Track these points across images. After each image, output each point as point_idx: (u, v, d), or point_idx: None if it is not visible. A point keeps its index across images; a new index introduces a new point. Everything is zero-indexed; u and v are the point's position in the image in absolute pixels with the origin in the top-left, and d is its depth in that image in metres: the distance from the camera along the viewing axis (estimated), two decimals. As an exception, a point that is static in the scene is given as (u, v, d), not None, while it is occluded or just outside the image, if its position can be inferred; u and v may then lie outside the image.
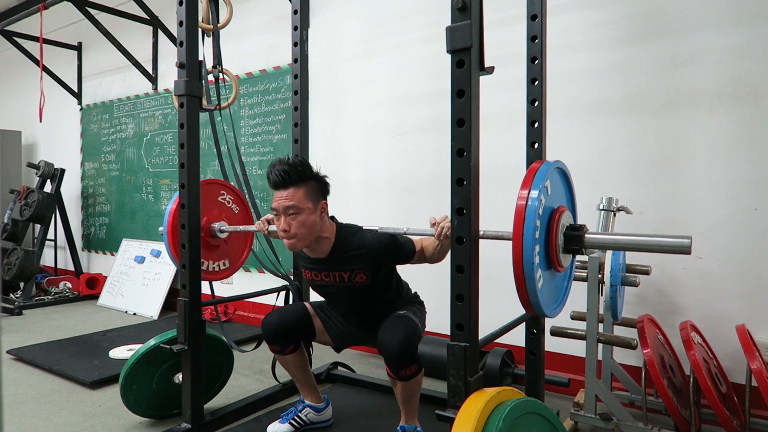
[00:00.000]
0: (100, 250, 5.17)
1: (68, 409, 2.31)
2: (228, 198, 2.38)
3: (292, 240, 1.74)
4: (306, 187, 1.73)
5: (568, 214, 1.39)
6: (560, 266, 1.36)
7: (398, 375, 1.69)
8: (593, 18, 2.41)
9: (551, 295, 1.41)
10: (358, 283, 1.81)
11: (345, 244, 1.81)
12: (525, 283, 1.24)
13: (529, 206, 1.24)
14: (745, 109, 2.08)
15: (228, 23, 2.38)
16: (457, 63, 1.30)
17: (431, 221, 1.60)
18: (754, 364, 1.69)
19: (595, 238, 1.35)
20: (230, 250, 2.38)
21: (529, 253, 1.21)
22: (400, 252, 1.80)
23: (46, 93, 4.43)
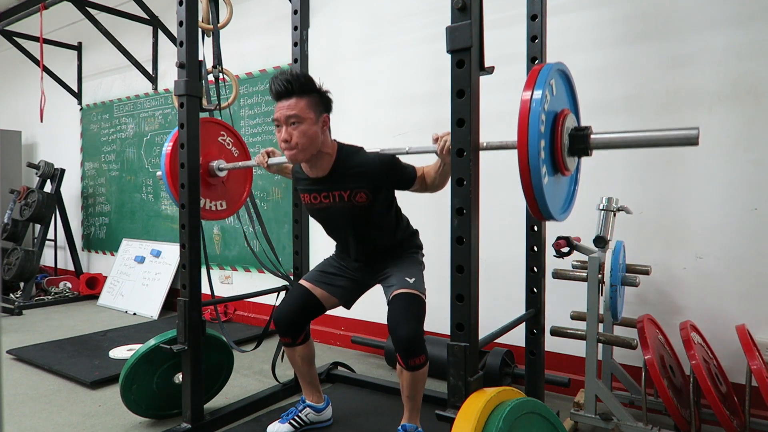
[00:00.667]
0: (100, 250, 5.17)
1: (68, 409, 2.31)
2: (228, 140, 2.35)
3: (293, 151, 1.72)
4: (308, 98, 1.71)
5: (572, 117, 1.36)
6: (566, 170, 1.33)
7: (407, 364, 1.70)
8: (593, 18, 2.41)
9: (558, 199, 1.38)
10: (358, 203, 1.78)
11: (346, 162, 1.79)
12: (532, 188, 1.21)
13: (533, 108, 1.20)
14: (745, 109, 2.08)
15: (228, 23, 2.39)
16: (457, 63, 1.30)
17: (433, 137, 1.59)
18: (754, 364, 1.69)
19: (600, 137, 1.32)
20: (229, 191, 2.35)
21: (535, 156, 1.19)
22: (401, 173, 1.78)
23: (46, 93, 4.43)
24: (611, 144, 1.33)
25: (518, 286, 2.02)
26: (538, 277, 1.94)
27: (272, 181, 3.68)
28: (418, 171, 1.81)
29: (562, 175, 1.35)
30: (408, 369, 1.71)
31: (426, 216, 2.91)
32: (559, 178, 1.36)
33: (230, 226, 3.95)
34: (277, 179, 3.65)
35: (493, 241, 2.58)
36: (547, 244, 1.98)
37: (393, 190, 1.86)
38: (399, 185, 1.83)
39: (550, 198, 1.26)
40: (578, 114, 1.49)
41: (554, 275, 2.11)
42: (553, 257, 1.99)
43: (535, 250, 1.94)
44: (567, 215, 1.44)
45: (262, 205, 3.70)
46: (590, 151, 1.34)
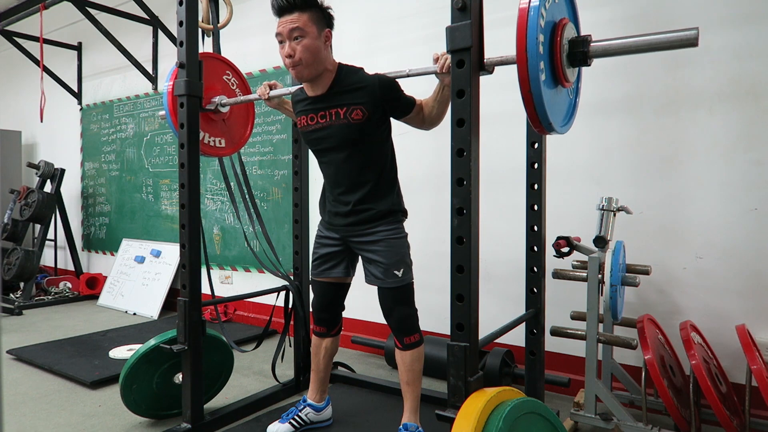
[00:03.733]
0: (100, 250, 5.17)
1: (68, 409, 2.31)
2: (233, 80, 2.33)
3: (298, 67, 1.72)
4: (310, 12, 1.72)
5: (571, 26, 1.35)
6: (567, 81, 1.32)
7: (403, 344, 1.81)
8: (593, 18, 2.41)
9: (560, 111, 1.37)
10: (353, 120, 1.75)
11: (345, 79, 1.79)
12: (532, 98, 1.20)
13: (531, 17, 1.18)
14: (745, 109, 2.08)
15: (228, 23, 2.39)
16: (457, 63, 1.30)
17: (434, 56, 1.58)
18: (754, 364, 1.69)
19: (600, 44, 1.31)
20: (230, 129, 2.34)
21: (534, 68, 1.18)
22: (399, 94, 1.78)
23: (46, 93, 4.43)
24: (610, 50, 1.31)
25: (518, 286, 2.03)
26: (538, 277, 1.94)
27: (272, 181, 3.68)
28: (417, 101, 1.82)
29: (562, 87, 1.34)
30: (404, 348, 1.81)
31: (426, 216, 2.91)
32: (559, 89, 1.34)
33: (230, 226, 3.95)
34: (277, 179, 3.65)
35: (493, 241, 2.58)
36: (547, 244, 1.98)
37: (389, 117, 1.84)
38: (397, 110, 1.80)
39: (551, 108, 1.25)
40: (578, 25, 1.46)
41: (554, 275, 2.11)
42: (553, 257, 1.99)
43: (535, 250, 1.94)
44: (568, 128, 1.43)
45: (262, 205, 3.70)
46: (589, 60, 1.32)
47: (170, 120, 2.09)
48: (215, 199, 4.05)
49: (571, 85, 1.38)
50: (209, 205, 4.07)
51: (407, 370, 1.82)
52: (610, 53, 1.32)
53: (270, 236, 2.63)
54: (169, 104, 2.07)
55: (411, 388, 1.83)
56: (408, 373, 1.82)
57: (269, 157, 3.70)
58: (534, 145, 1.92)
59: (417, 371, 1.83)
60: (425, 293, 2.26)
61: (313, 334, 2.05)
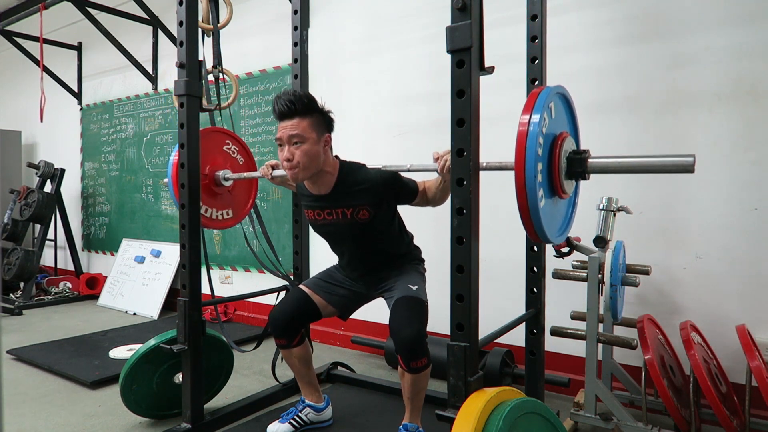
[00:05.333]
0: (100, 250, 5.17)
1: (68, 409, 2.31)
2: (233, 148, 2.36)
3: (295, 170, 1.73)
4: (311, 118, 1.73)
5: (570, 140, 1.37)
6: (564, 193, 1.34)
7: (409, 367, 1.70)
8: (593, 18, 2.41)
9: (555, 222, 1.39)
10: (360, 219, 1.80)
11: (348, 180, 1.80)
12: (529, 210, 1.22)
13: (531, 131, 1.21)
14: (745, 109, 2.08)
15: (228, 23, 2.39)
16: (457, 63, 1.30)
17: (434, 156, 1.60)
18: (754, 364, 1.69)
19: (598, 161, 1.33)
20: (234, 199, 2.36)
21: (531, 179, 1.19)
22: (403, 188, 1.80)
23: (46, 93, 4.43)
24: (608, 168, 1.35)
25: (518, 286, 2.02)
26: (538, 277, 1.94)
27: (272, 181, 3.68)
28: (419, 185, 1.82)
29: (559, 198, 1.36)
30: (410, 371, 1.71)
31: (426, 216, 2.91)
32: (556, 200, 1.37)
33: (230, 226, 3.95)
34: (277, 179, 3.65)
35: (493, 241, 2.58)
36: (548, 244, 1.98)
37: (395, 205, 1.88)
38: (401, 200, 1.84)
39: (547, 221, 1.27)
40: (578, 137, 1.50)
41: (554, 275, 2.11)
42: (553, 257, 1.99)
43: (535, 250, 1.94)
44: (563, 238, 1.46)
45: (262, 205, 3.70)
46: (587, 175, 1.35)
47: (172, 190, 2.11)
48: (215, 199, 4.05)
49: (568, 197, 1.39)
50: (209, 205, 4.06)
51: (410, 388, 1.75)
52: (607, 171, 1.36)
53: (270, 236, 2.63)
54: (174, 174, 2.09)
55: (413, 401, 1.80)
56: (411, 391, 1.76)
57: (269, 157, 3.70)
58: (534, 145, 1.92)
59: (421, 388, 1.78)
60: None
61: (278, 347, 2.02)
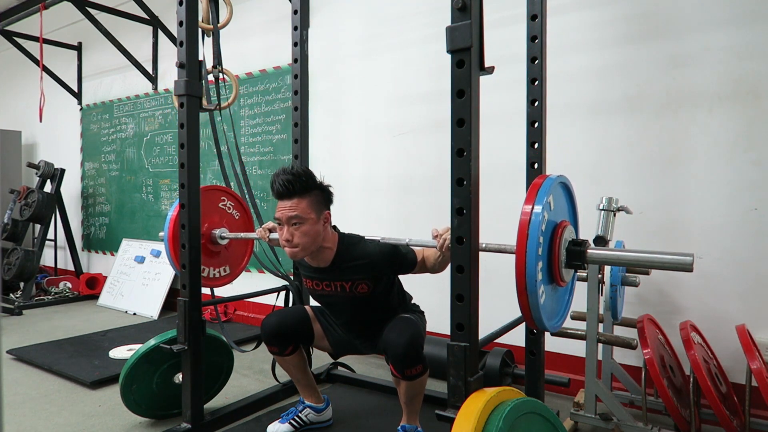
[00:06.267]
0: (100, 250, 5.17)
1: (68, 409, 2.31)
2: (229, 204, 2.38)
3: (295, 249, 1.73)
4: (310, 197, 1.73)
5: (570, 229, 1.39)
6: (562, 281, 1.36)
7: (403, 374, 1.69)
8: (593, 18, 2.41)
9: (553, 309, 1.41)
10: (359, 293, 1.81)
11: (347, 255, 1.80)
12: (528, 298, 1.24)
13: (532, 222, 1.24)
14: (745, 109, 2.08)
15: (228, 23, 2.38)
16: (457, 63, 1.30)
17: (433, 233, 1.59)
18: (754, 364, 1.69)
19: (597, 253, 1.35)
20: (231, 256, 2.38)
21: (532, 268, 1.21)
22: (402, 262, 1.79)
23: (46, 93, 4.43)
24: (607, 261, 1.38)
25: (518, 286, 2.02)
26: (538, 277, 1.94)
27: (272, 181, 3.68)
28: (418, 255, 1.81)
29: (557, 285, 1.38)
30: (404, 379, 1.71)
31: (426, 217, 2.91)
32: (555, 288, 1.38)
33: (230, 226, 3.95)
34: (277, 179, 3.65)
35: (493, 241, 2.58)
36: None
37: (394, 276, 1.88)
38: (399, 272, 1.85)
39: (546, 310, 1.29)
40: (577, 223, 1.52)
41: (554, 275, 2.11)
42: (553, 257, 1.99)
43: (535, 250, 1.94)
44: (561, 325, 1.47)
45: (262, 205, 3.70)
46: (586, 265, 1.37)
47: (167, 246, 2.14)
48: (215, 199, 4.05)
49: (566, 285, 1.41)
50: (209, 205, 4.06)
51: (407, 394, 1.75)
52: (606, 262, 1.39)
53: (270, 236, 2.63)
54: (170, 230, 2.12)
55: (410, 405, 1.80)
56: (407, 396, 1.76)
57: (269, 157, 3.70)
58: (534, 145, 1.92)
59: (419, 395, 1.78)
60: (425, 293, 2.26)
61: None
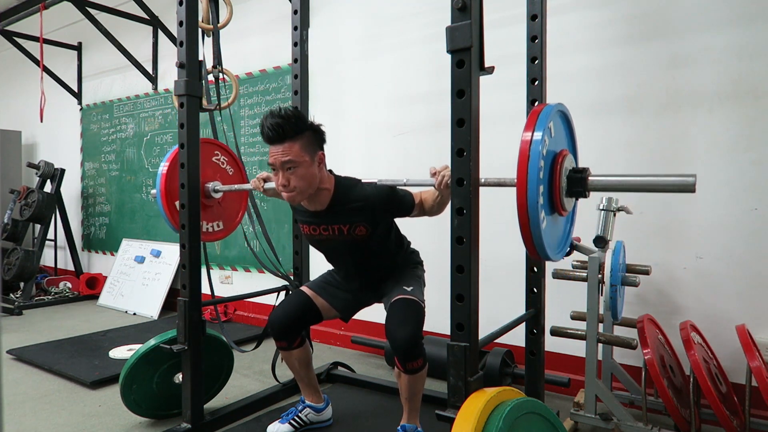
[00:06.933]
0: (100, 250, 5.17)
1: (68, 409, 2.31)
2: (222, 159, 2.34)
3: (292, 193, 1.72)
4: (302, 139, 1.69)
5: (570, 158, 1.37)
6: (563, 210, 1.34)
7: (405, 368, 1.71)
8: (593, 18, 2.41)
9: (555, 239, 1.40)
10: (357, 235, 1.79)
11: (344, 197, 1.78)
12: (530, 227, 1.22)
13: (533, 149, 1.21)
14: (745, 109, 2.08)
15: (228, 23, 2.39)
16: (457, 63, 1.30)
17: (431, 171, 1.58)
18: (754, 364, 1.69)
19: (598, 180, 1.33)
20: (225, 211, 2.35)
21: (533, 196, 1.20)
22: (399, 204, 1.78)
23: (46, 93, 4.43)
24: (609, 187, 1.36)
25: (518, 286, 2.02)
26: (538, 277, 1.94)
27: (272, 181, 3.68)
28: (415, 198, 1.80)
29: (559, 216, 1.37)
30: (406, 372, 1.72)
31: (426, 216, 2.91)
32: (556, 218, 1.37)
33: (230, 226, 3.95)
34: (277, 179, 3.65)
35: (493, 241, 2.58)
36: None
37: (391, 219, 1.87)
38: (398, 215, 1.84)
39: (547, 239, 1.28)
40: (576, 154, 1.51)
41: (554, 275, 2.11)
42: (553, 257, 1.99)
43: (535, 250, 1.94)
44: (562, 255, 1.46)
45: (262, 205, 3.70)
46: (587, 193, 1.36)
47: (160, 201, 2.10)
48: (215, 199, 4.05)
49: (567, 214, 1.40)
50: (209, 205, 4.07)
51: (408, 389, 1.76)
52: (607, 189, 1.37)
53: (270, 236, 2.63)
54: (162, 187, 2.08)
55: (411, 402, 1.80)
56: (408, 391, 1.77)
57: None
58: (534, 145, 1.92)
59: (419, 389, 1.79)
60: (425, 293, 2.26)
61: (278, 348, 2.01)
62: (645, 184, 1.28)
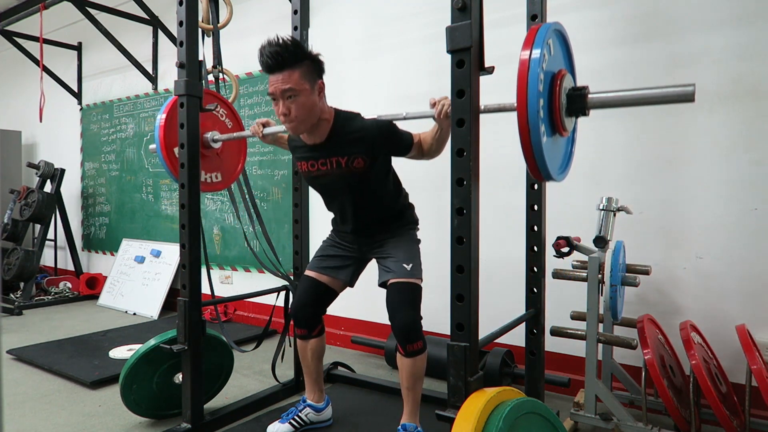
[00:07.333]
0: (100, 250, 5.17)
1: (68, 409, 2.31)
2: (222, 111, 2.32)
3: (294, 123, 1.71)
4: (301, 67, 1.68)
5: (569, 77, 1.36)
6: (564, 130, 1.34)
7: (406, 350, 1.76)
8: (593, 18, 2.41)
9: (557, 159, 1.39)
10: (355, 168, 1.76)
11: (343, 128, 1.77)
12: (532, 147, 1.21)
13: (531, 67, 1.20)
14: (745, 109, 2.08)
15: (228, 23, 2.39)
16: (457, 63, 1.30)
17: (431, 101, 1.58)
18: (754, 364, 1.69)
19: (597, 96, 1.32)
20: (223, 163, 2.34)
21: (534, 115, 1.19)
22: (398, 139, 1.78)
23: (46, 93, 4.43)
24: (608, 103, 1.33)
25: (518, 286, 2.02)
26: (538, 277, 1.94)
27: (272, 181, 3.68)
28: (414, 137, 1.81)
29: (560, 136, 1.36)
30: (407, 355, 1.76)
31: (426, 216, 2.91)
32: (557, 138, 1.36)
33: (230, 226, 3.95)
34: (277, 179, 3.65)
35: (493, 241, 2.58)
36: (547, 244, 1.98)
37: (390, 156, 1.85)
38: (396, 151, 1.82)
39: (549, 157, 1.27)
40: (574, 75, 1.48)
41: (554, 275, 2.11)
42: (553, 257, 1.99)
43: (535, 250, 1.94)
44: (565, 176, 1.45)
45: (262, 205, 3.70)
46: (587, 111, 1.34)
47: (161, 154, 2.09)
48: (215, 199, 4.05)
49: (568, 134, 1.40)
50: (209, 205, 4.07)
51: (408, 377, 1.79)
52: (607, 105, 1.35)
53: (270, 236, 2.63)
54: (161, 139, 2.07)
55: (411, 392, 1.81)
56: (409, 379, 1.79)
57: (269, 157, 3.70)
58: (534, 145, 1.92)
59: (419, 377, 1.80)
60: (425, 293, 2.26)
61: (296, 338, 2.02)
62: (644, 97, 1.27)
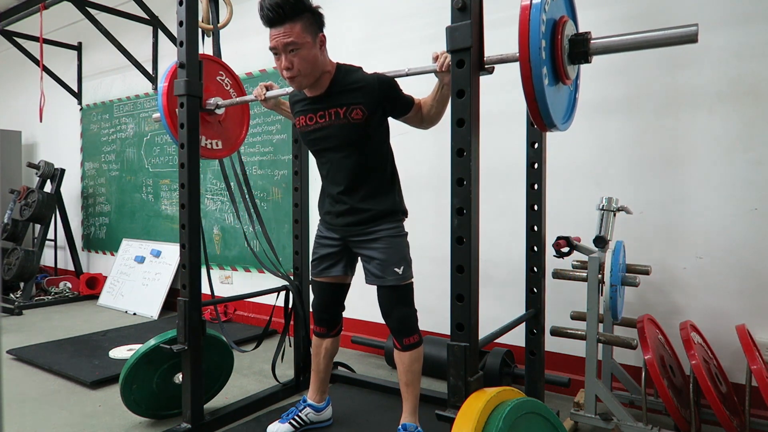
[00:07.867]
0: (100, 250, 5.17)
1: (68, 409, 2.31)
2: (227, 81, 2.32)
3: (297, 78, 1.70)
4: (302, 20, 1.66)
5: (571, 24, 1.35)
6: (567, 78, 1.33)
7: (402, 344, 1.80)
8: (593, 18, 2.41)
9: (560, 108, 1.38)
10: (353, 120, 1.74)
11: (344, 78, 1.77)
12: (535, 94, 1.21)
13: (533, 13, 1.18)
14: (745, 109, 2.08)
15: (228, 23, 2.39)
16: (457, 63, 1.30)
17: (433, 55, 1.58)
18: (754, 364, 1.69)
19: (600, 41, 1.31)
20: (225, 131, 2.33)
21: (537, 63, 1.18)
22: (398, 94, 1.78)
23: (46, 93, 4.42)
24: (610, 47, 1.31)
25: (518, 286, 2.03)
26: (538, 277, 1.94)
27: (272, 181, 3.68)
28: (415, 100, 1.82)
29: (563, 84, 1.35)
30: (403, 349, 1.80)
31: (426, 216, 2.91)
32: (560, 87, 1.35)
33: (230, 226, 3.95)
34: (277, 179, 3.65)
35: (493, 241, 2.58)
36: (547, 244, 1.98)
37: (388, 116, 1.84)
38: (396, 109, 1.81)
39: (553, 105, 1.26)
40: (576, 22, 1.47)
41: (554, 275, 2.11)
42: (553, 257, 1.99)
43: (535, 250, 1.94)
44: (569, 125, 1.44)
45: (262, 205, 3.70)
46: (590, 57, 1.33)
47: (165, 121, 2.09)
48: (215, 199, 4.05)
49: (571, 83, 1.39)
50: (209, 205, 4.07)
51: (406, 371, 1.81)
52: (610, 50, 1.32)
53: (270, 236, 2.63)
54: (164, 105, 2.07)
55: (410, 388, 1.83)
56: (407, 374, 1.81)
57: (269, 157, 3.70)
58: (534, 145, 1.92)
59: (416, 372, 1.83)
60: (425, 293, 2.26)
61: (313, 335, 2.05)
62: (647, 40, 1.25)
